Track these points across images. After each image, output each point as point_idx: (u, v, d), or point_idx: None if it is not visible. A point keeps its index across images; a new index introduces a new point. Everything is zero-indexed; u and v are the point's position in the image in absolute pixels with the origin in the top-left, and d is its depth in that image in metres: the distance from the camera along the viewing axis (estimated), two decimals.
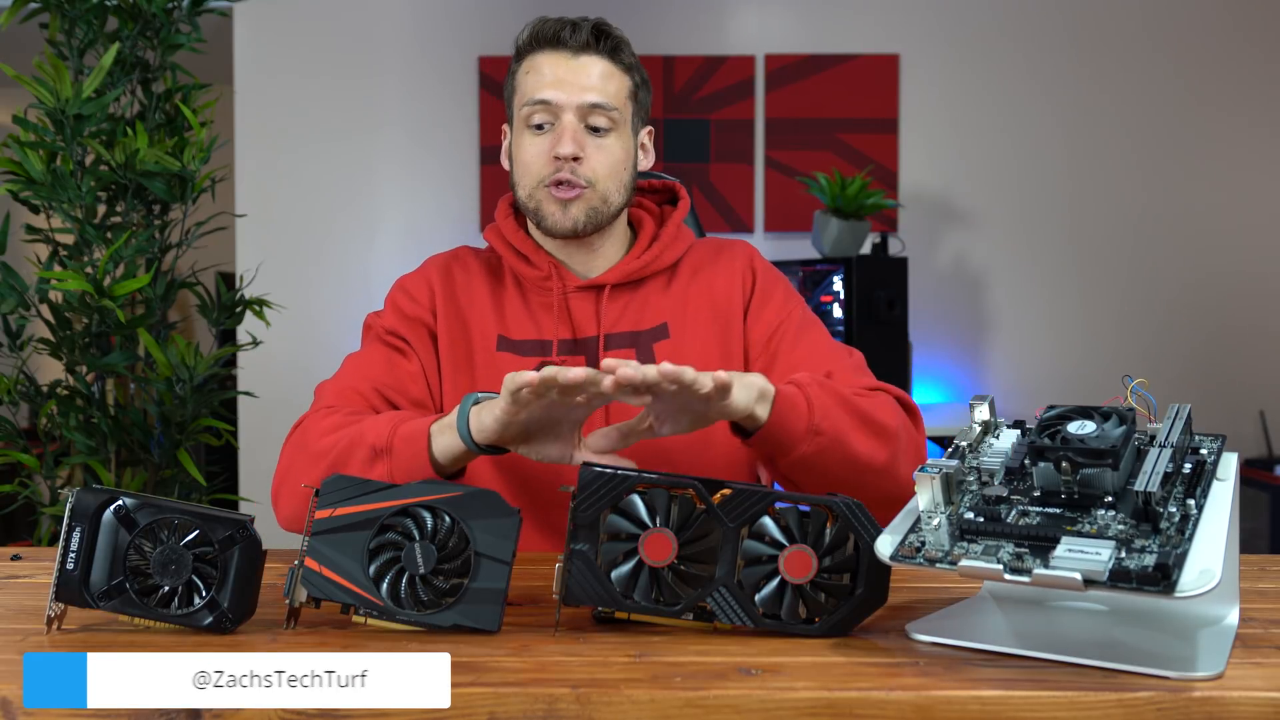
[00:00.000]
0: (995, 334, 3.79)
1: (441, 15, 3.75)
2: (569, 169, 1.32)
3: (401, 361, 1.36)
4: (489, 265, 1.44)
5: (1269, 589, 1.08)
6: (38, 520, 2.24)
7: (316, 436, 1.22)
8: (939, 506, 0.89)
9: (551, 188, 1.33)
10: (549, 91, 1.33)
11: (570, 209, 1.33)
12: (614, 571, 0.92)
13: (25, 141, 2.09)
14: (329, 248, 3.74)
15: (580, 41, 1.34)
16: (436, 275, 1.42)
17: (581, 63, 1.34)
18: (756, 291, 1.41)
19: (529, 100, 1.34)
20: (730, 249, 1.45)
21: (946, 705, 0.77)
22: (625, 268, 1.39)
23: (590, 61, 1.34)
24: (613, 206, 1.36)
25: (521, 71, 1.37)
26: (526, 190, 1.36)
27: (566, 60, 1.34)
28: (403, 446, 1.15)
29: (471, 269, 1.43)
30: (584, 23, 1.35)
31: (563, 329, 1.37)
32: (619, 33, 1.38)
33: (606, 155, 1.34)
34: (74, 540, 0.91)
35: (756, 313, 1.39)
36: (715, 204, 3.73)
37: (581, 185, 1.33)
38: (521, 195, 1.37)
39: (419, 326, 1.38)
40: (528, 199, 1.36)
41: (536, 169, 1.34)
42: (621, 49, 1.37)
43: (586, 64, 1.34)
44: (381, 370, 1.34)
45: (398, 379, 1.34)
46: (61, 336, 2.15)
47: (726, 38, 3.76)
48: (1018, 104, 3.75)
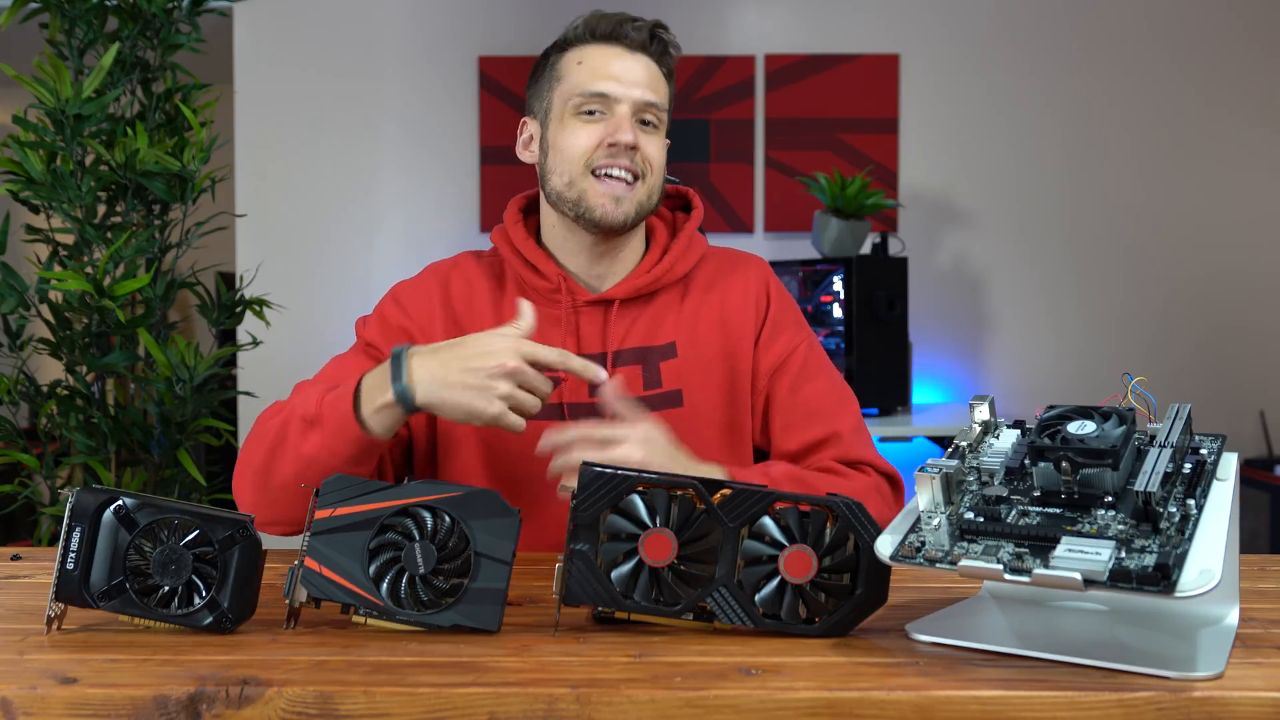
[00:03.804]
0: (995, 334, 3.79)
1: (441, 15, 3.75)
2: (627, 157, 1.31)
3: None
4: (492, 272, 1.42)
5: (1269, 589, 1.08)
6: (38, 520, 2.24)
7: (264, 419, 1.24)
8: (939, 506, 0.89)
9: (601, 180, 1.31)
10: (607, 84, 1.31)
11: (623, 203, 1.32)
12: (614, 571, 0.92)
13: (25, 141, 2.09)
14: (329, 248, 3.74)
15: (639, 40, 1.34)
16: (435, 287, 1.39)
17: (638, 60, 1.34)
18: (769, 321, 1.40)
19: (584, 91, 1.32)
20: (745, 267, 1.43)
21: (946, 705, 0.77)
22: (635, 282, 1.37)
23: (644, 61, 1.34)
24: (653, 205, 1.36)
25: (570, 61, 1.35)
26: (568, 177, 1.32)
27: (622, 56, 1.33)
28: (329, 411, 1.16)
29: (473, 279, 1.41)
30: (644, 22, 1.35)
31: (569, 345, 1.35)
32: (672, 37, 1.38)
33: (656, 149, 1.34)
34: (74, 540, 0.91)
35: (767, 343, 1.39)
36: (715, 204, 3.73)
37: (638, 171, 1.32)
38: (559, 183, 1.34)
39: (400, 338, 1.36)
40: (568, 187, 1.33)
41: (587, 155, 1.31)
42: (670, 55, 1.37)
43: (642, 63, 1.34)
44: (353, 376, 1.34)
45: None
46: (61, 336, 2.15)
47: (726, 38, 3.76)
48: (1018, 104, 3.75)
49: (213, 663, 0.84)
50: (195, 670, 0.82)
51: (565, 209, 1.34)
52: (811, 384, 1.38)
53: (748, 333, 1.39)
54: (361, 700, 0.78)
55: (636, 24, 1.34)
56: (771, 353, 1.38)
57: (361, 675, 0.81)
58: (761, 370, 1.38)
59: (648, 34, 1.34)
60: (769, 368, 1.38)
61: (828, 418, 1.36)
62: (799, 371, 1.38)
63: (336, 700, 0.78)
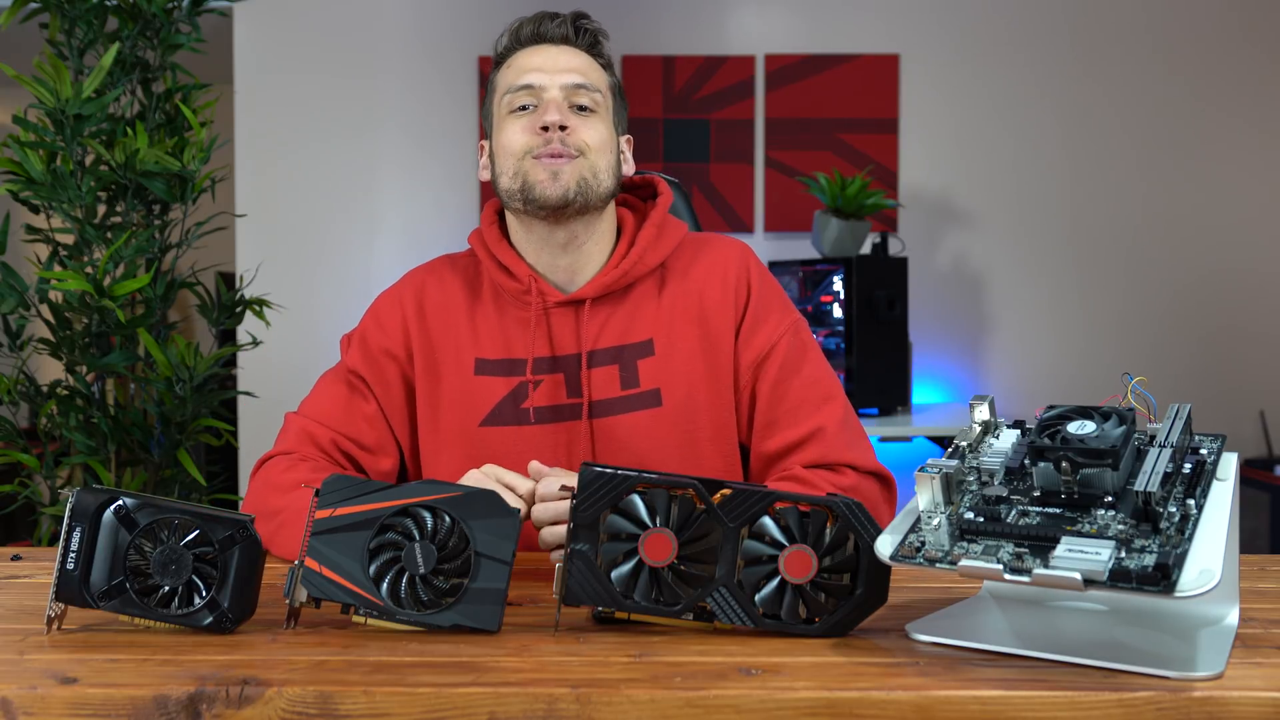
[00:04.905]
0: (995, 334, 3.79)
1: (442, 15, 3.75)
2: (558, 138, 1.29)
3: (359, 404, 1.36)
4: (466, 276, 1.41)
5: (1269, 589, 1.08)
6: (38, 520, 2.24)
7: (273, 493, 1.27)
8: (939, 506, 0.89)
9: (540, 159, 1.29)
10: (531, 76, 1.32)
11: (561, 176, 1.28)
12: (614, 571, 0.92)
13: (25, 141, 2.09)
14: (329, 248, 3.74)
15: (561, 33, 1.35)
16: (410, 299, 1.39)
17: (563, 51, 1.34)
18: (750, 310, 1.35)
19: (511, 88, 1.32)
20: (725, 250, 1.39)
21: (946, 705, 0.77)
22: (604, 279, 1.34)
23: (572, 51, 1.35)
24: (602, 185, 1.32)
25: (503, 71, 1.36)
26: (511, 169, 1.31)
27: (546, 50, 1.34)
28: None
29: (448, 285, 1.40)
30: (563, 16, 1.36)
31: (540, 346, 1.33)
32: (597, 25, 1.37)
33: (593, 130, 1.32)
34: (74, 540, 0.91)
35: (748, 335, 1.34)
36: (715, 204, 3.73)
37: (572, 154, 1.30)
38: (505, 179, 1.32)
39: (384, 361, 1.37)
40: (512, 178, 1.31)
41: (521, 143, 1.30)
42: (600, 45, 1.37)
43: (568, 52, 1.34)
44: (341, 413, 1.36)
45: (353, 424, 1.36)
46: (61, 336, 2.15)
47: (726, 38, 3.76)
48: (1018, 104, 3.75)
49: (213, 663, 0.84)
50: (195, 670, 0.82)
51: (515, 203, 1.33)
52: (797, 376, 1.33)
53: (728, 324, 1.34)
54: (361, 700, 0.78)
55: (556, 19, 1.35)
56: (753, 346, 1.34)
57: (361, 675, 0.81)
58: (744, 364, 1.34)
59: (570, 27, 1.35)
60: (751, 361, 1.33)
61: (811, 414, 1.31)
62: (783, 364, 1.33)
63: (336, 700, 0.78)
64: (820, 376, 1.35)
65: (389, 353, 1.37)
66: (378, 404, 1.36)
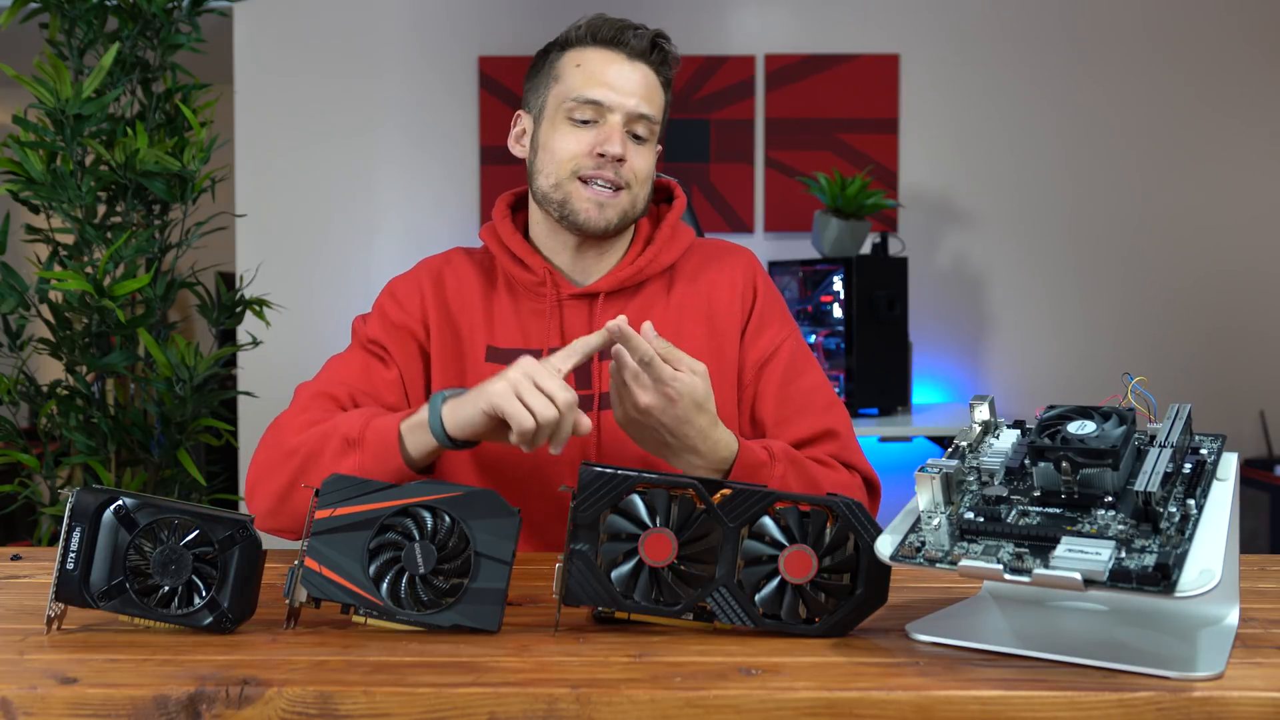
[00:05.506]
0: (995, 334, 3.79)
1: (441, 15, 3.75)
2: (613, 169, 1.31)
3: (379, 369, 1.36)
4: (481, 267, 1.43)
5: (1269, 589, 1.08)
6: (38, 520, 2.24)
7: (289, 434, 1.25)
8: (939, 506, 0.89)
9: (588, 185, 1.32)
10: (601, 91, 1.31)
11: (606, 210, 1.32)
12: (614, 571, 0.92)
13: (25, 141, 2.09)
14: (329, 248, 3.74)
15: (640, 48, 1.34)
16: (428, 281, 1.40)
17: (636, 68, 1.34)
18: (755, 313, 1.40)
19: (578, 96, 1.32)
20: (733, 257, 1.43)
21: (946, 705, 0.77)
22: (619, 274, 1.37)
23: (643, 70, 1.34)
24: (638, 212, 1.37)
25: (569, 62, 1.35)
26: (555, 179, 1.33)
27: (621, 63, 1.33)
28: (375, 439, 1.17)
29: (464, 274, 1.41)
30: (645, 30, 1.35)
31: (553, 337, 1.35)
32: (672, 48, 1.38)
33: (644, 162, 1.35)
34: (74, 540, 0.91)
35: (753, 336, 1.39)
36: (715, 204, 3.73)
37: (621, 184, 1.32)
38: (546, 184, 1.34)
39: (403, 335, 1.37)
40: (554, 189, 1.34)
41: (574, 161, 1.32)
42: (669, 65, 1.37)
43: (640, 70, 1.34)
44: (358, 376, 1.35)
45: (373, 385, 1.35)
46: (61, 336, 2.15)
47: (726, 38, 3.76)
48: (1018, 104, 3.75)
49: (213, 663, 0.84)
50: (195, 670, 0.82)
51: (550, 209, 1.35)
52: (803, 378, 1.38)
53: (734, 324, 1.38)
54: (361, 700, 0.78)
55: (638, 31, 1.34)
56: (758, 346, 1.38)
57: (361, 675, 0.81)
58: (749, 363, 1.38)
59: (648, 42, 1.34)
60: (756, 360, 1.38)
61: (822, 414, 1.36)
62: (788, 365, 1.38)
63: (336, 700, 0.78)
64: (824, 384, 1.41)
65: (408, 328, 1.38)
66: (399, 371, 1.36)
